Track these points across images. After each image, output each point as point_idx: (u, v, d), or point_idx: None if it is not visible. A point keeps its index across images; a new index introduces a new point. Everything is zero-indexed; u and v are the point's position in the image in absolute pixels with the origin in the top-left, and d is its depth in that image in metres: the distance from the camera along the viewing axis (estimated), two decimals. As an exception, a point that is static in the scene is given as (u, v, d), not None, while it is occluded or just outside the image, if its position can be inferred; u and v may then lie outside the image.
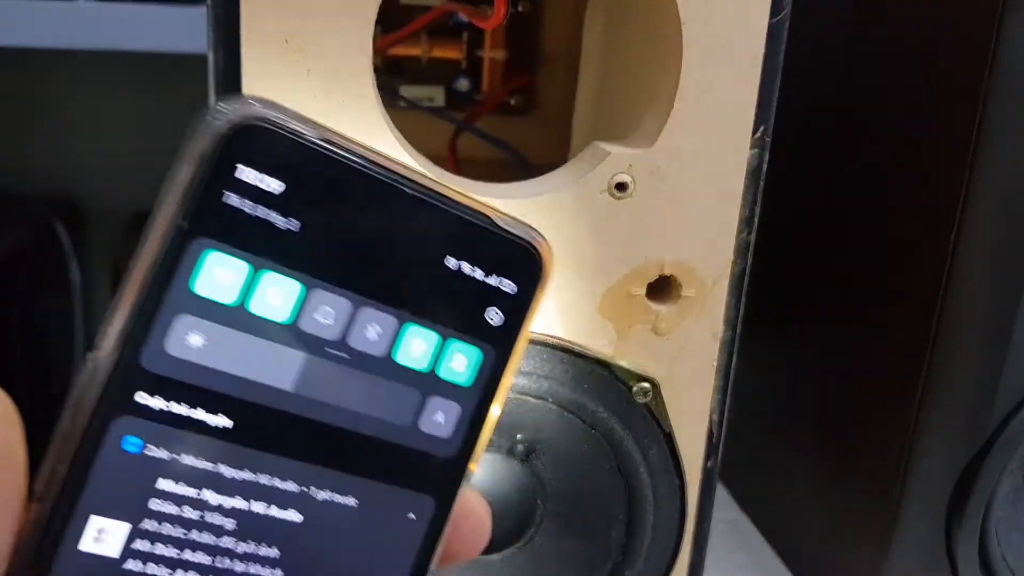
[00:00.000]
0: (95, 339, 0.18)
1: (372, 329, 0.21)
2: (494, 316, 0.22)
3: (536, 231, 0.22)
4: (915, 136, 0.38)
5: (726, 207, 0.31)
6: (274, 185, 0.19)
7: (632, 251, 0.31)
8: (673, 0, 0.29)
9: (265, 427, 0.20)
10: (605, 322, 0.31)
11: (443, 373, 0.22)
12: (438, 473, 0.22)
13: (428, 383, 0.21)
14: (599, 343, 0.32)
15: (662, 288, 0.32)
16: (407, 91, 0.58)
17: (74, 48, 0.63)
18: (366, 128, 0.28)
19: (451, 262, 0.21)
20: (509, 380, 0.22)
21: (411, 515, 0.22)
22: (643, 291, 0.31)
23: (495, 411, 0.23)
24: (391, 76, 0.57)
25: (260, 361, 0.20)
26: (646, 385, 0.31)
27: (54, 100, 0.89)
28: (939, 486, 0.38)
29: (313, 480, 0.21)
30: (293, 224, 0.19)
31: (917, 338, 0.36)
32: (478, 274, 0.21)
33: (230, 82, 0.28)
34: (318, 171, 0.19)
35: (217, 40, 0.27)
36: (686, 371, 0.32)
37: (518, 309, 0.22)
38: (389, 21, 0.55)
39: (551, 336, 0.31)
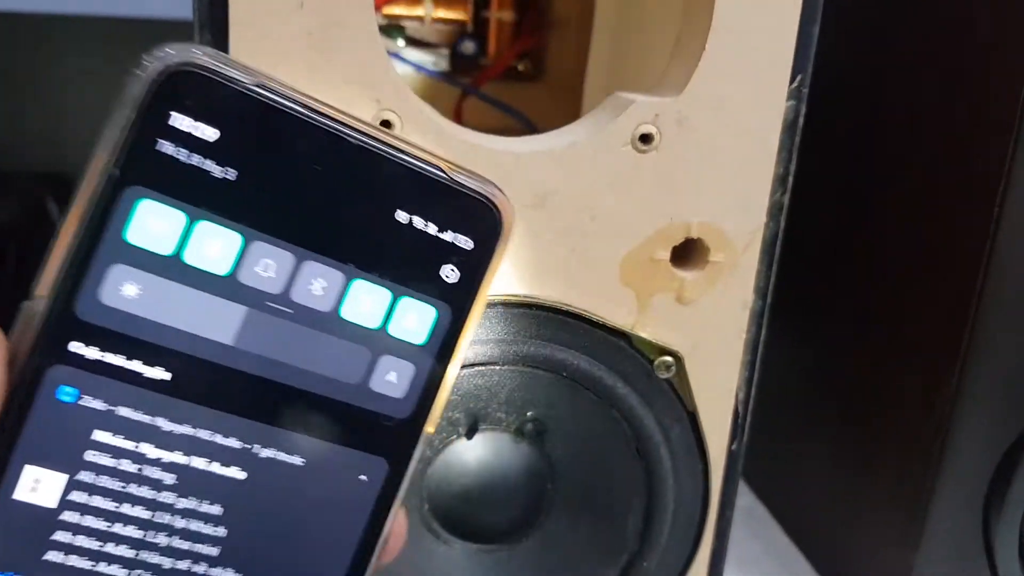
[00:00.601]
0: (30, 287, 0.18)
1: (317, 284, 0.20)
2: (450, 273, 0.21)
3: (494, 185, 0.22)
4: (955, 105, 0.35)
5: (760, 164, 0.28)
6: (209, 132, 0.18)
7: (656, 211, 0.28)
8: (707, -70, 0.26)
9: (205, 381, 0.20)
10: (625, 289, 0.29)
11: (395, 331, 0.21)
12: (392, 435, 0.22)
13: (379, 341, 0.21)
14: (618, 312, 0.29)
15: (688, 252, 0.29)
16: (409, 54, 0.55)
17: (66, 13, 0.60)
18: (368, 69, 0.25)
19: (402, 216, 0.21)
20: (467, 340, 0.22)
21: (363, 477, 0.22)
22: (667, 255, 0.29)
23: (452, 372, 0.22)
24: (392, 38, 0.54)
25: (199, 313, 0.19)
26: (669, 359, 0.29)
27: (45, 76, 0.86)
28: (976, 473, 0.35)
29: (257, 437, 0.20)
30: (230, 173, 0.19)
31: (954, 317, 0.34)
32: (431, 229, 0.21)
33: (216, 18, 0.25)
34: (255, 119, 0.19)
35: (200, -32, 0.25)
36: (712, 344, 0.29)
37: (475, 266, 0.21)
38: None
39: (565, 304, 0.28)
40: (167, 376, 0.19)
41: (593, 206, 0.28)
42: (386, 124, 0.26)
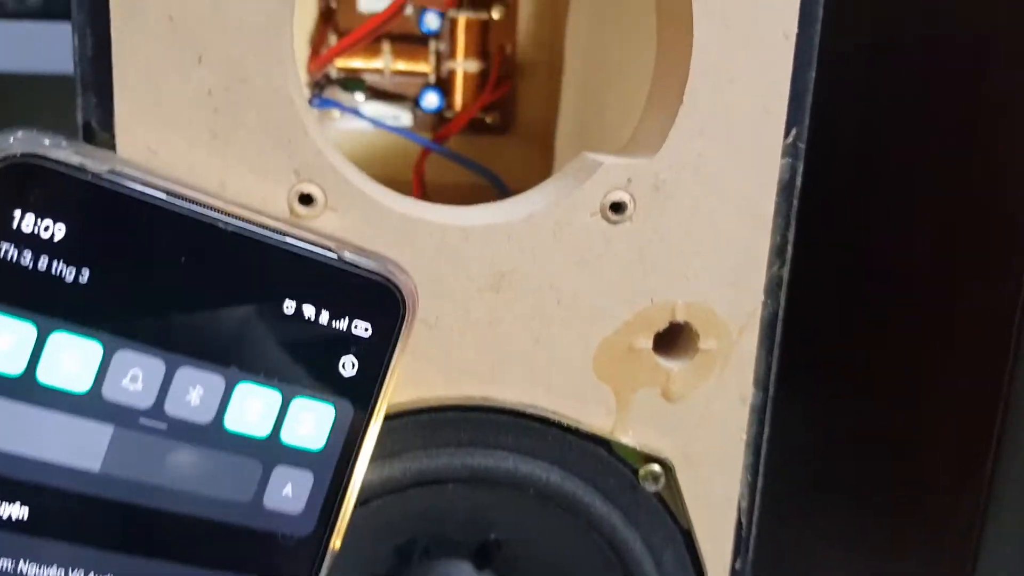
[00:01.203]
0: None
1: (194, 392, 0.18)
2: (348, 366, 0.19)
3: (393, 262, 0.20)
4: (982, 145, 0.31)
5: (753, 232, 0.24)
6: (57, 230, 0.17)
7: (634, 291, 0.24)
8: (681, -37, 0.22)
9: (71, 515, 0.17)
10: (602, 385, 0.24)
11: (288, 438, 0.19)
12: (293, 555, 0.19)
13: (271, 451, 0.19)
14: (594, 413, 0.24)
15: (674, 339, 0.25)
16: (369, 108, 0.51)
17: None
18: (282, 134, 0.21)
19: (289, 306, 0.19)
20: (372, 439, 0.20)
21: None
22: (650, 343, 0.24)
23: (357, 477, 0.20)
24: (350, 91, 0.51)
25: (58, 439, 0.17)
26: (656, 468, 0.24)
27: None
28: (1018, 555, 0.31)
29: (137, 574, 0.18)
30: (84, 274, 0.17)
31: (987, 393, 0.29)
32: (323, 318, 0.19)
33: (100, 78, 0.21)
34: (109, 211, 0.17)
35: (82, 19, 0.20)
36: (707, 447, 0.25)
37: (376, 355, 0.20)
38: (346, 31, 0.49)
39: (529, 405, 0.24)
40: (25, 513, 0.17)
41: (559, 287, 0.24)
42: (306, 199, 0.22)
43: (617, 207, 0.23)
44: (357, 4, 0.49)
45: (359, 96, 0.51)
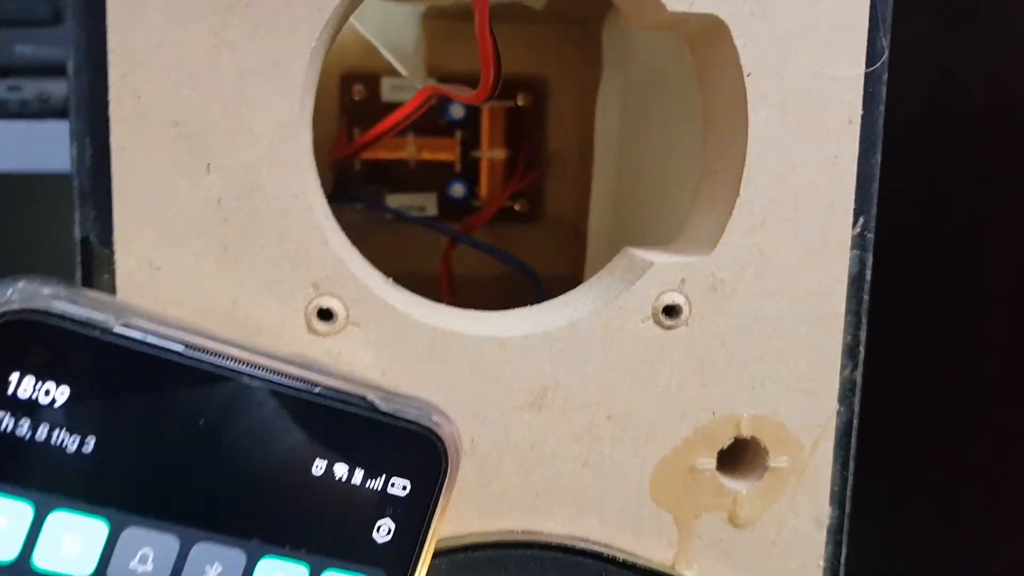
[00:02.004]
0: None
1: (212, 572, 0.16)
2: (385, 530, 0.17)
3: (435, 408, 0.18)
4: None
5: (822, 334, 0.22)
6: (58, 394, 0.15)
7: (693, 404, 0.21)
8: (729, 43, 0.20)
9: None
10: (661, 511, 0.21)
11: None
12: None
13: None
14: (654, 544, 0.21)
15: (740, 457, 0.22)
16: (395, 200, 0.49)
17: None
18: (298, 245, 0.19)
19: (319, 466, 0.17)
20: None
21: None
22: (713, 462, 0.22)
23: None
24: (375, 184, 0.49)
25: None
26: (728, 609, 0.21)
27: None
28: None
29: None
30: (88, 443, 0.15)
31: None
32: (357, 477, 0.17)
33: (98, 182, 0.19)
34: (117, 369, 0.15)
35: (80, 127, 0.19)
36: (784, 580, 0.22)
37: (416, 516, 0.17)
38: (370, 120, 0.48)
39: (578, 538, 0.21)
40: None
41: (609, 402, 0.21)
42: (326, 314, 0.20)
43: (671, 311, 0.21)
44: (381, 93, 0.48)
45: (384, 188, 0.49)
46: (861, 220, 0.22)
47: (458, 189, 0.49)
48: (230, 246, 0.19)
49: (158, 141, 0.19)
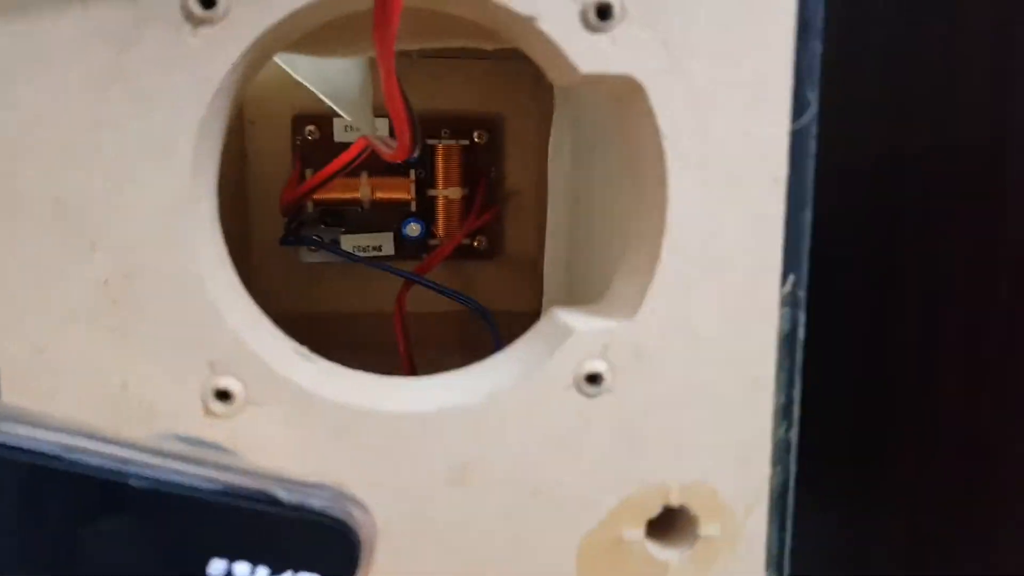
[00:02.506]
0: None
1: None
2: None
3: (346, 494, 0.16)
4: None
5: (753, 396, 0.21)
6: None
7: (620, 474, 0.20)
8: (645, 103, 0.19)
9: None
10: (587, 590, 0.20)
11: None
12: None
13: None
14: (580, 627, 0.20)
15: (670, 526, 0.21)
16: (350, 240, 0.48)
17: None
18: (192, 324, 0.18)
19: (217, 567, 0.15)
20: None
21: None
22: (641, 533, 0.21)
23: None
24: (329, 225, 0.49)
25: None
26: None
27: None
28: None
29: None
30: None
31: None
32: None
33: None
34: None
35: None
36: (719, 662, 0.21)
37: None
38: (322, 161, 0.47)
39: (503, 623, 0.20)
40: None
41: (533, 476, 0.20)
42: (224, 395, 0.19)
43: (593, 379, 0.20)
44: (333, 134, 0.48)
45: (338, 229, 0.49)
46: (791, 279, 0.21)
47: (414, 228, 0.48)
48: (119, 327, 0.18)
49: (39, 220, 0.18)
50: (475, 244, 0.50)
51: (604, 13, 0.19)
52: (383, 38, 0.18)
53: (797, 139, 0.20)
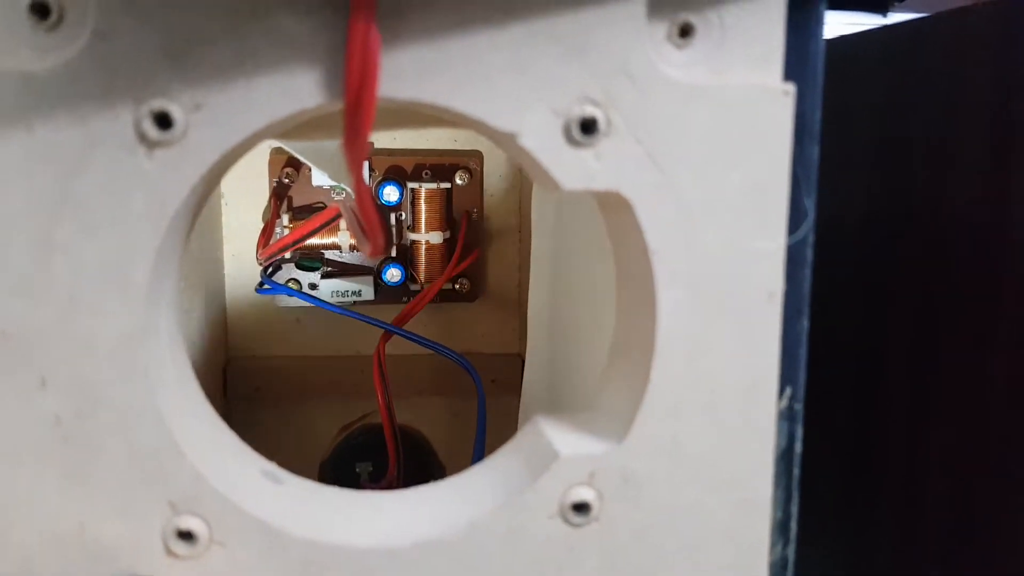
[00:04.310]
0: None
1: None
2: None
3: None
4: None
5: (747, 518, 0.20)
6: None
7: (607, 604, 0.19)
8: (633, 218, 0.18)
9: None
10: None
11: None
12: None
13: None
14: None
15: (660, 659, 0.20)
16: (329, 286, 0.47)
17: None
18: (153, 464, 0.17)
19: None
20: None
21: None
22: (630, 668, 0.20)
23: None
24: (306, 269, 0.47)
25: None
26: None
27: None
28: None
29: None
30: None
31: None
32: None
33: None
34: None
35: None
36: None
37: None
38: (299, 204, 0.46)
39: None
40: None
41: (514, 607, 0.19)
42: (186, 535, 0.17)
43: (580, 508, 0.19)
44: (312, 178, 0.46)
45: (316, 275, 0.47)
46: (788, 391, 0.20)
47: (394, 274, 0.47)
48: (73, 467, 0.17)
49: (-19, 356, 0.16)
50: (457, 287, 0.48)
51: (588, 128, 0.17)
52: (353, 149, 0.17)
53: (794, 252, 0.19)
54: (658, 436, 0.19)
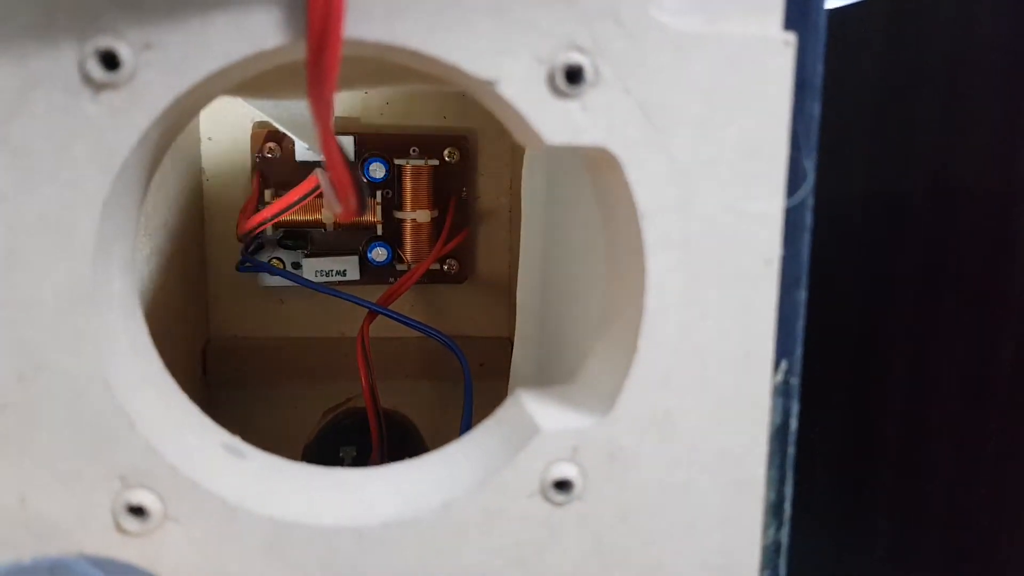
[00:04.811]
0: None
1: None
2: None
3: None
4: None
5: (739, 499, 0.19)
6: None
7: (590, 589, 0.18)
8: (621, 177, 0.17)
9: None
10: None
11: None
12: None
13: None
14: None
15: (646, 647, 0.19)
16: (313, 264, 0.46)
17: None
18: (101, 434, 0.16)
19: None
20: None
21: None
22: (614, 656, 0.18)
23: None
24: (289, 248, 0.46)
25: None
26: None
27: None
28: None
29: None
30: None
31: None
32: None
33: None
34: None
35: None
36: None
37: None
38: (283, 179, 0.44)
39: None
40: None
41: (491, 592, 0.18)
42: (137, 511, 0.16)
43: (562, 485, 0.18)
44: (295, 153, 0.45)
45: (300, 252, 0.46)
46: (784, 365, 0.19)
47: (380, 253, 0.46)
48: (13, 436, 0.16)
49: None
50: (445, 268, 0.47)
51: (574, 77, 0.16)
52: (318, 97, 0.16)
53: (792, 215, 0.18)
54: (646, 409, 0.18)
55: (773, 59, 0.17)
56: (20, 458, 0.16)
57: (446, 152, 0.46)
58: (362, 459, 0.43)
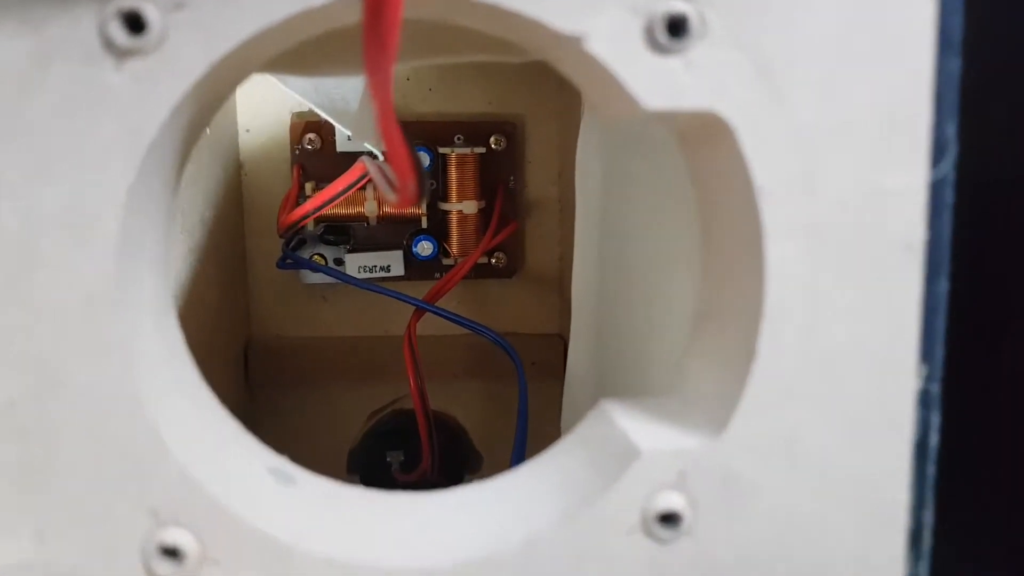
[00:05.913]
0: None
1: None
2: None
3: None
4: None
5: (875, 532, 0.16)
6: None
7: (698, 637, 0.15)
8: (732, 147, 0.14)
9: None
10: None
11: None
12: None
13: None
14: None
15: None
16: (356, 260, 0.44)
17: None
18: (130, 461, 0.13)
19: None
20: None
21: None
22: None
23: None
24: (333, 244, 0.44)
25: None
26: None
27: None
28: None
29: None
30: None
31: None
32: None
33: None
34: None
35: None
36: None
37: None
38: (324, 172, 0.42)
39: None
40: None
41: (583, 640, 0.15)
42: (172, 553, 0.14)
43: (668, 519, 0.15)
44: (336, 144, 0.43)
45: (343, 248, 0.44)
46: (924, 370, 0.16)
47: (425, 247, 0.43)
48: (29, 463, 0.13)
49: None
50: (493, 261, 0.45)
51: (677, 28, 0.13)
52: (376, 64, 0.13)
53: (935, 192, 0.15)
54: (766, 427, 0.15)
55: (911, 9, 0.14)
56: (36, 490, 0.13)
57: (492, 139, 0.43)
58: (409, 464, 0.41)
